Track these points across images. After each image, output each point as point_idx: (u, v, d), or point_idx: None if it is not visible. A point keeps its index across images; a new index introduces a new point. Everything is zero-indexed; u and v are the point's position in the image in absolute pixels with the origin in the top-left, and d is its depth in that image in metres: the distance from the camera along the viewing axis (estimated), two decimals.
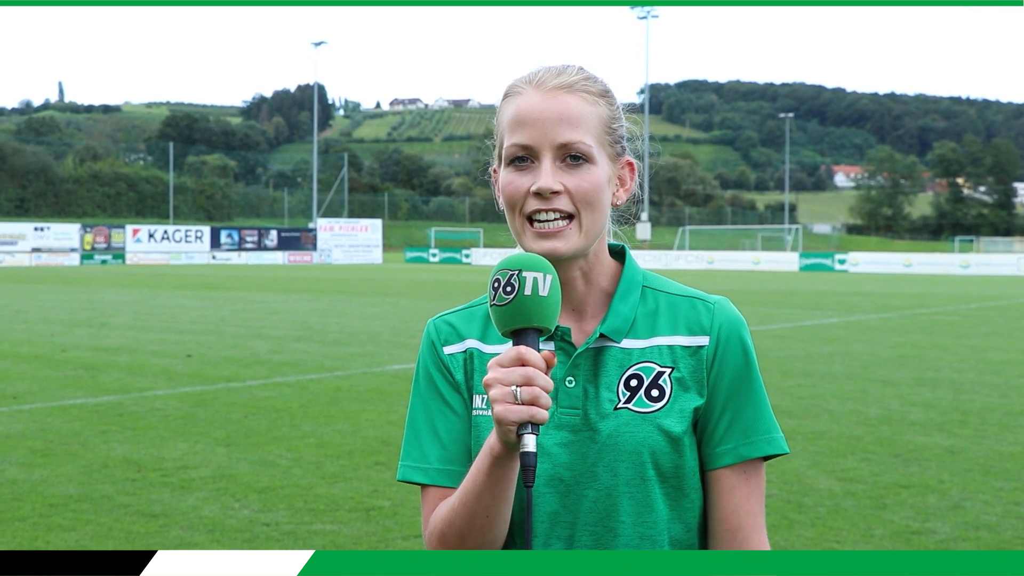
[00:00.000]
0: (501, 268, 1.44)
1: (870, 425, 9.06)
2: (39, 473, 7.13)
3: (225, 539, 5.66)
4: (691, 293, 1.63)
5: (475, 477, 1.48)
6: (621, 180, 1.63)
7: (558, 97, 1.55)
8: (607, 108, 1.59)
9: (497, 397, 1.38)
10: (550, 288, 1.42)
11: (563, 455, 1.55)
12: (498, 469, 1.45)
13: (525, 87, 1.58)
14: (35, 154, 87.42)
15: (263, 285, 34.14)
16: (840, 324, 19.71)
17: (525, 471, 1.37)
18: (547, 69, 1.59)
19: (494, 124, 1.65)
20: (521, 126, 1.55)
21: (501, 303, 1.42)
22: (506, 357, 1.40)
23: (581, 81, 1.57)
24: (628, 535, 1.55)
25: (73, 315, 20.44)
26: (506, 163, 1.57)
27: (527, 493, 1.39)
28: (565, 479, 1.55)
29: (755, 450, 1.58)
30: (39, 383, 11.24)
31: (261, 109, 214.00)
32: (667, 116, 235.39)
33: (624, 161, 1.63)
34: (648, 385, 1.56)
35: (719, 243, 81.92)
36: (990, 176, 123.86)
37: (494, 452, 1.44)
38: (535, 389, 1.37)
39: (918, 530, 5.92)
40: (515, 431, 1.37)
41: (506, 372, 1.38)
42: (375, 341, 15.78)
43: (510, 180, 1.56)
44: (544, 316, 1.42)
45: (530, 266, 1.43)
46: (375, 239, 71.08)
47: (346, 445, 8.10)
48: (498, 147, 1.62)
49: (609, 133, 1.59)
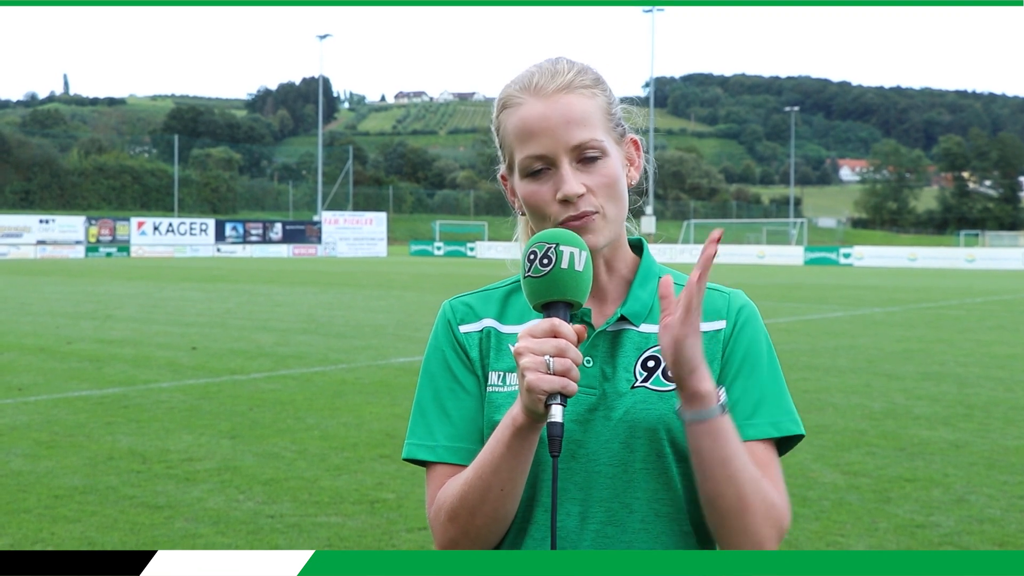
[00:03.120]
0: (538, 241, 1.45)
1: (875, 419, 9.05)
2: (44, 465, 7.15)
3: (229, 531, 5.67)
4: (707, 284, 1.65)
5: (493, 449, 1.48)
6: (630, 159, 1.65)
7: (560, 100, 1.55)
8: (603, 96, 1.60)
9: (529, 366, 1.38)
10: (585, 263, 1.44)
11: (578, 432, 1.55)
12: (518, 440, 1.45)
13: (523, 96, 1.58)
14: (40, 147, 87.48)
15: (268, 278, 34.17)
16: (845, 318, 19.69)
17: (551, 441, 1.38)
18: (540, 72, 1.59)
19: (494, 133, 1.65)
20: (531, 137, 1.55)
21: (537, 275, 1.44)
22: (539, 328, 1.40)
23: (576, 77, 1.58)
24: (644, 511, 1.55)
25: (78, 307, 20.47)
26: (522, 175, 1.58)
27: (553, 463, 1.40)
28: (578, 456, 1.55)
29: (779, 429, 1.58)
30: (44, 375, 11.26)
31: (266, 102, 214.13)
32: (672, 110, 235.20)
33: (628, 140, 1.65)
34: (665, 367, 1.57)
35: (724, 237, 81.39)
36: (996, 170, 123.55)
37: (517, 423, 1.44)
38: (567, 360, 1.38)
39: (922, 524, 5.92)
40: (544, 401, 1.38)
41: (539, 343, 1.39)
42: (380, 334, 15.79)
43: (532, 191, 1.57)
44: (578, 290, 1.44)
45: (567, 241, 1.45)
46: (380, 232, 71.12)
47: (351, 438, 8.11)
48: (507, 157, 1.63)
49: (611, 119, 1.60)
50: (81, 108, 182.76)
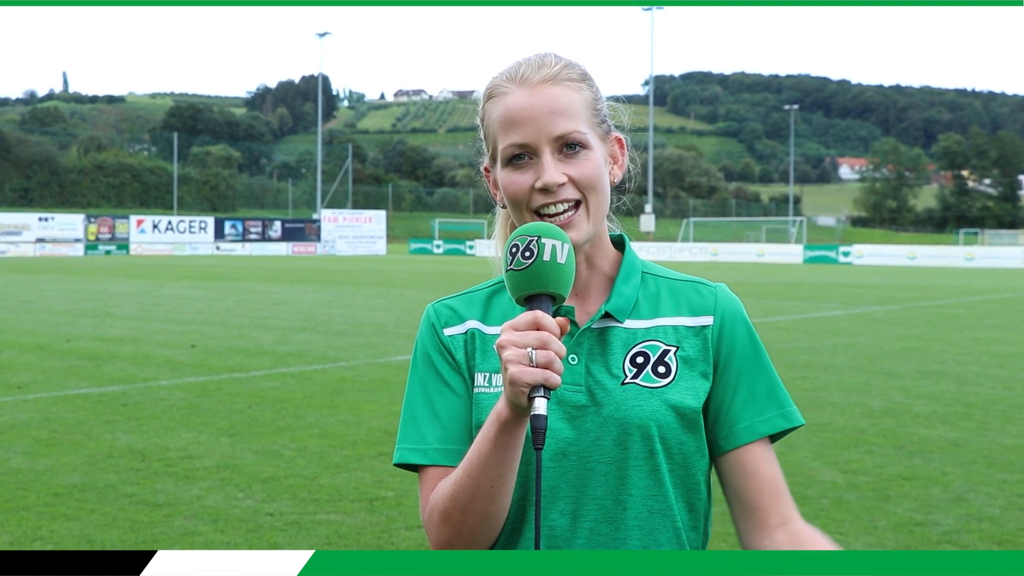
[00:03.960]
0: (519, 234, 1.45)
1: (874, 417, 9.06)
2: (44, 462, 7.15)
3: (229, 529, 5.67)
4: (690, 278, 1.67)
5: (481, 445, 1.47)
6: (614, 157, 1.65)
7: (545, 90, 1.55)
8: (589, 91, 1.60)
9: (511, 359, 1.37)
10: (567, 256, 1.44)
11: (567, 430, 1.55)
12: (505, 435, 1.44)
13: (509, 85, 1.58)
14: (39, 144, 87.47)
15: (267, 276, 34.17)
16: (844, 316, 19.69)
17: (535, 434, 1.37)
18: (527, 63, 1.59)
19: (479, 123, 1.65)
20: (514, 125, 1.55)
21: (519, 268, 1.43)
22: (521, 321, 1.40)
23: (563, 70, 1.58)
24: (637, 508, 1.55)
25: (77, 305, 20.47)
26: (504, 163, 1.58)
27: (537, 456, 1.38)
28: (569, 454, 1.55)
29: (772, 427, 1.61)
30: (44, 373, 11.26)
31: (265, 100, 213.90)
32: (672, 108, 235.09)
33: (612, 138, 1.65)
34: (655, 362, 1.58)
35: (723, 235, 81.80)
36: (995, 168, 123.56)
37: (502, 418, 1.43)
38: (550, 353, 1.37)
39: (921, 522, 5.92)
40: (527, 394, 1.37)
41: (521, 335, 1.38)
42: (379, 332, 15.80)
43: (512, 179, 1.57)
44: (560, 283, 1.43)
45: (548, 234, 1.44)
46: (379, 230, 71.08)
47: (350, 436, 8.11)
48: (490, 147, 1.63)
49: (596, 115, 1.61)
50: (80, 106, 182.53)
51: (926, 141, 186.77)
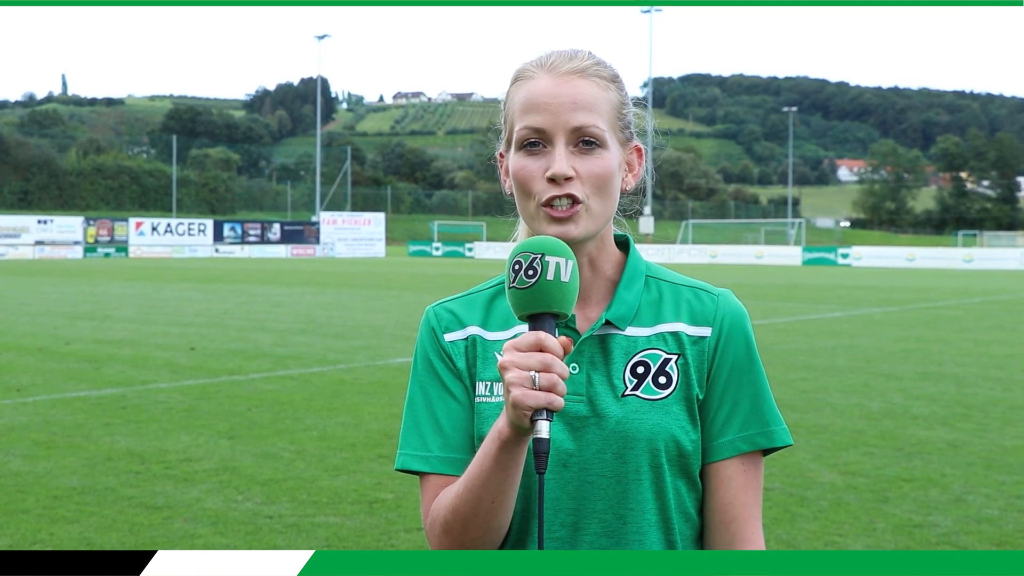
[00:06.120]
0: (523, 250, 1.42)
1: (873, 419, 9.06)
2: (43, 465, 7.14)
3: (228, 531, 5.67)
4: (695, 284, 1.64)
5: (482, 462, 1.46)
6: (630, 165, 1.63)
7: (571, 81, 1.54)
8: (617, 93, 1.59)
9: (514, 381, 1.36)
10: (571, 274, 1.41)
11: (567, 442, 1.54)
12: (506, 454, 1.43)
13: (537, 71, 1.56)
14: (38, 147, 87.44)
15: (266, 278, 34.16)
16: (843, 318, 19.70)
17: (538, 458, 1.36)
18: (559, 53, 1.58)
19: (502, 107, 1.63)
20: (534, 109, 1.53)
21: (523, 286, 1.41)
22: (524, 342, 1.38)
23: (593, 66, 1.57)
24: (638, 523, 1.54)
25: (76, 308, 20.46)
26: (517, 147, 1.56)
27: (539, 480, 1.37)
28: (570, 465, 1.54)
29: (751, 444, 1.58)
30: (43, 375, 11.25)
31: (264, 102, 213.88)
32: (670, 110, 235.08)
33: (632, 146, 1.63)
34: (655, 372, 1.56)
35: (722, 237, 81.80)
36: (994, 170, 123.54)
37: (503, 436, 1.42)
38: (554, 376, 1.36)
39: (920, 524, 5.92)
40: (530, 416, 1.36)
41: (524, 357, 1.37)
42: (378, 334, 15.79)
43: (523, 164, 1.55)
44: (564, 302, 1.41)
45: (552, 251, 1.41)
46: (378, 232, 71.11)
47: (349, 438, 8.10)
48: (507, 131, 1.60)
49: (620, 118, 1.59)
50: (79, 108, 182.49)
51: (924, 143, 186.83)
